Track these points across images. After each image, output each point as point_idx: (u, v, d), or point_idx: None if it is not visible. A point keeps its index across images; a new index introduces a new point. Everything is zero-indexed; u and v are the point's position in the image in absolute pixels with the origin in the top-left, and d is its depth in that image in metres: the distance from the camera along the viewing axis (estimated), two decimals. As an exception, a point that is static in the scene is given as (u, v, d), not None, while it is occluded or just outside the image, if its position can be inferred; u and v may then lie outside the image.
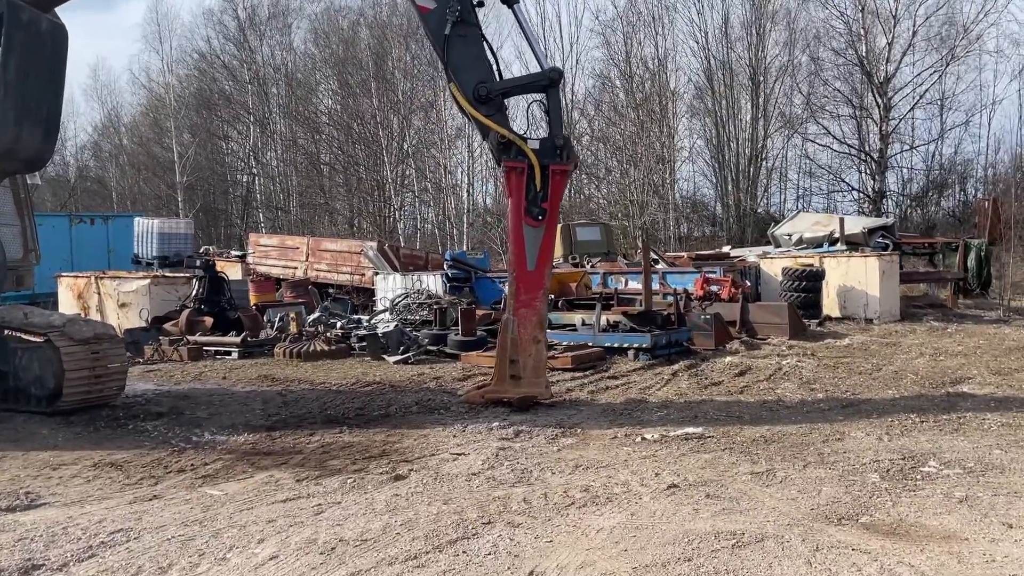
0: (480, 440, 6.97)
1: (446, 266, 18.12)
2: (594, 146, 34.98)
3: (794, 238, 19.27)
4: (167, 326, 13.91)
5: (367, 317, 14.52)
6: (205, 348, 12.96)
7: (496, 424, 7.51)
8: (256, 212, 43.29)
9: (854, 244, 17.83)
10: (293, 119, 42.34)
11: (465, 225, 34.11)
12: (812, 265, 15.80)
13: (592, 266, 17.85)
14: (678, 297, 13.03)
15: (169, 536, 4.67)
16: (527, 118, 8.68)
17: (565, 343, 11.72)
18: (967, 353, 11.48)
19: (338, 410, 8.48)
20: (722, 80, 34.13)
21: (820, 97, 34.01)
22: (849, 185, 34.99)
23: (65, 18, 8.33)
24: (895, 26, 32.15)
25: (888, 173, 33.53)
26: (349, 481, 5.77)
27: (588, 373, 10.47)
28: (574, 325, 12.67)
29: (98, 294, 15.55)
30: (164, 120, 42.88)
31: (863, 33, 32.78)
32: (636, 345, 11.38)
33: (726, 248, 22.60)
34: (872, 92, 32.65)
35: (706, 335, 12.47)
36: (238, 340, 12.90)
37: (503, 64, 9.30)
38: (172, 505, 5.31)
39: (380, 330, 12.59)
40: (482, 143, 35.52)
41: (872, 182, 33.34)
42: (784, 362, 11.03)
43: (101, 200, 47.01)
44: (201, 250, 23.97)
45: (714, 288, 14.70)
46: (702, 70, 34.83)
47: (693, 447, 6.57)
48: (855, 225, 18.85)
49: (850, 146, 34.08)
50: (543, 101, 8.31)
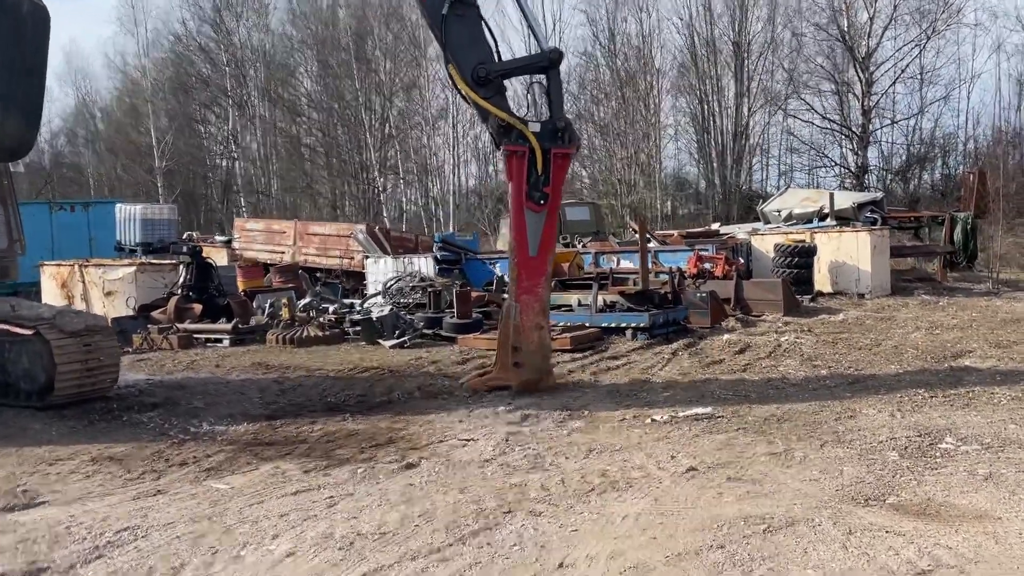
0: (487, 425, 6.84)
1: (436, 248, 17.94)
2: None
3: (783, 214, 19.24)
4: (155, 314, 13.65)
5: (360, 301, 14.32)
6: (195, 336, 12.72)
7: (502, 408, 7.38)
8: (237, 197, 42.73)
9: (844, 219, 17.84)
10: (272, 102, 41.71)
11: (451, 206, 33.84)
12: (804, 241, 15.78)
13: (583, 246, 17.72)
14: (673, 275, 12.94)
15: (178, 534, 4.51)
16: (526, 100, 8.51)
17: (562, 324, 11.59)
18: (963, 326, 11.49)
19: (338, 397, 8.31)
20: (706, 57, 33.97)
21: (802, 73, 33.98)
22: (832, 160, 35.06)
23: (39, -1, 8.00)
24: (876, 0, 32.10)
25: (870, 148, 33.63)
26: (359, 471, 5.62)
27: (588, 354, 10.37)
28: (570, 306, 12.56)
29: (82, 283, 15.22)
30: (141, 105, 42.08)
31: (845, 8, 32.70)
32: (634, 325, 11.29)
33: (715, 225, 22.55)
34: (855, 67, 32.63)
35: (702, 313, 12.41)
36: (229, 327, 12.67)
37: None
38: (178, 500, 5.15)
39: (375, 314, 12.41)
40: (467, 123, 35.38)
41: (855, 157, 33.41)
42: (783, 339, 10.98)
43: (78, 187, 46.21)
44: (185, 236, 23.61)
45: (707, 266, 14.64)
46: (686, 47, 34.65)
47: (705, 428, 6.48)
48: (845, 200, 18.85)
49: (832, 121, 34.12)
50: (543, 82, 8.13)
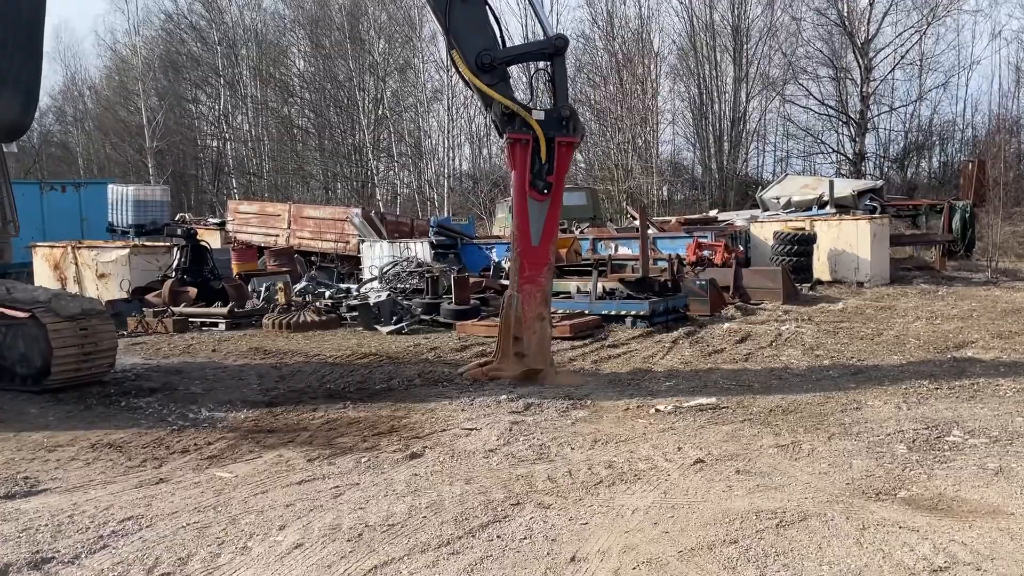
0: (490, 414, 6.79)
1: (432, 233, 17.84)
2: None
3: (782, 201, 19.20)
4: (149, 297, 13.53)
5: (356, 286, 14.23)
6: (191, 320, 12.61)
7: (504, 397, 7.33)
8: (228, 178, 42.41)
9: (843, 207, 17.80)
10: (264, 82, 41.31)
11: (445, 189, 33.67)
12: (804, 229, 15.74)
13: (581, 232, 17.65)
14: (672, 263, 12.89)
15: (183, 523, 4.45)
16: (530, 88, 8.40)
17: (561, 311, 11.54)
18: (963, 316, 11.49)
19: (338, 384, 8.24)
20: (705, 42, 33.78)
21: (800, 58, 33.86)
22: (830, 147, 35.01)
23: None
24: (877, -14, 31.95)
25: (868, 135, 33.58)
26: (363, 460, 5.56)
27: (587, 341, 10.33)
28: (569, 293, 12.50)
29: (75, 264, 15.06)
30: (131, 83, 41.62)
31: (845, -7, 32.55)
32: (634, 312, 11.24)
33: (712, 212, 22.49)
34: (854, 53, 32.52)
35: (702, 301, 12.37)
36: (225, 311, 12.57)
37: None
38: (181, 489, 5.08)
39: (372, 300, 12.33)
40: (462, 105, 35.11)
41: (852, 144, 33.37)
42: (783, 328, 10.96)
43: (67, 166, 45.79)
44: (177, 217, 23.43)
45: (707, 253, 14.60)
46: (685, 31, 34.45)
47: (710, 418, 6.45)
48: (844, 188, 18.82)
49: (830, 107, 34.03)
50: (547, 70, 8.03)
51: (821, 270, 15.80)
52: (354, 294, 13.41)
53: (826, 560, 3.72)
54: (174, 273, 13.77)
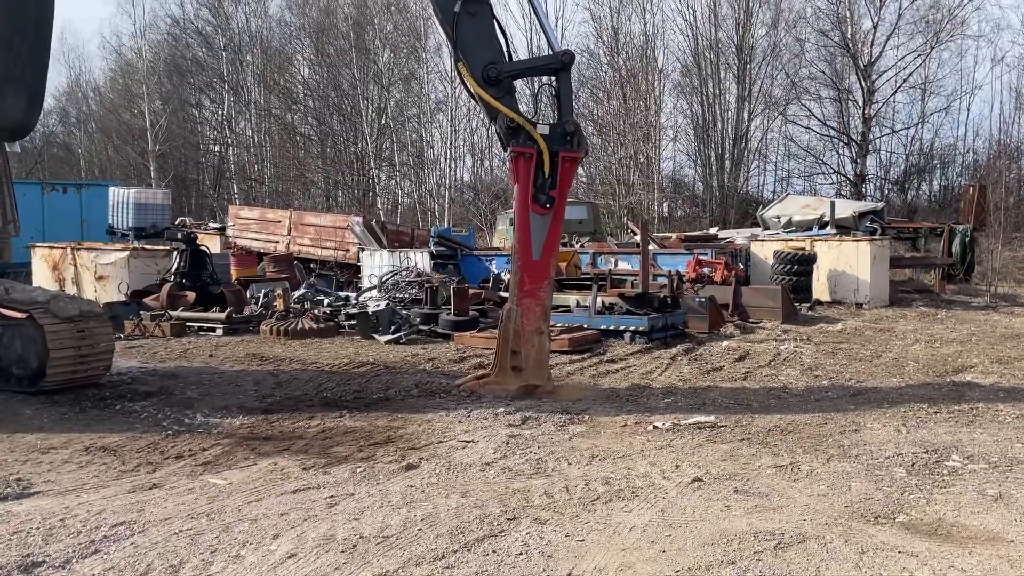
0: (487, 427, 6.76)
1: (432, 243, 17.83)
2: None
3: (783, 220, 19.22)
4: (147, 300, 13.51)
5: (355, 294, 14.20)
6: (188, 324, 12.58)
7: (501, 410, 7.30)
8: (229, 183, 42.42)
9: (844, 228, 17.82)
10: (268, 88, 41.41)
11: (446, 200, 33.69)
12: (804, 249, 15.74)
13: (581, 246, 17.65)
14: (672, 279, 12.89)
15: (176, 530, 4.41)
16: (534, 101, 8.42)
17: (560, 325, 11.51)
18: (963, 340, 11.47)
19: (335, 392, 8.20)
20: (709, 60, 33.93)
21: (803, 79, 34.01)
22: (831, 168, 35.11)
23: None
24: (881, 8, 32.15)
25: (869, 157, 33.69)
26: (359, 470, 5.52)
27: (586, 356, 10.31)
28: (568, 306, 12.49)
29: (74, 266, 15.03)
30: (135, 86, 41.70)
31: (849, 15, 32.73)
32: (633, 328, 11.22)
33: (713, 230, 22.51)
34: (857, 75, 32.67)
35: (701, 318, 12.36)
36: (223, 316, 12.53)
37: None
38: (175, 495, 5.04)
39: (371, 308, 12.30)
40: (465, 117, 35.20)
41: (853, 165, 33.47)
42: (782, 347, 10.94)
43: (68, 168, 45.79)
44: (178, 221, 23.41)
45: (707, 270, 14.59)
46: (689, 49, 34.62)
47: (708, 437, 6.41)
48: (845, 209, 18.85)
49: (832, 128, 34.15)
50: (552, 84, 8.05)
51: (821, 290, 15.80)
52: (353, 302, 13.39)
53: (824, 583, 3.69)
54: (173, 277, 13.76)
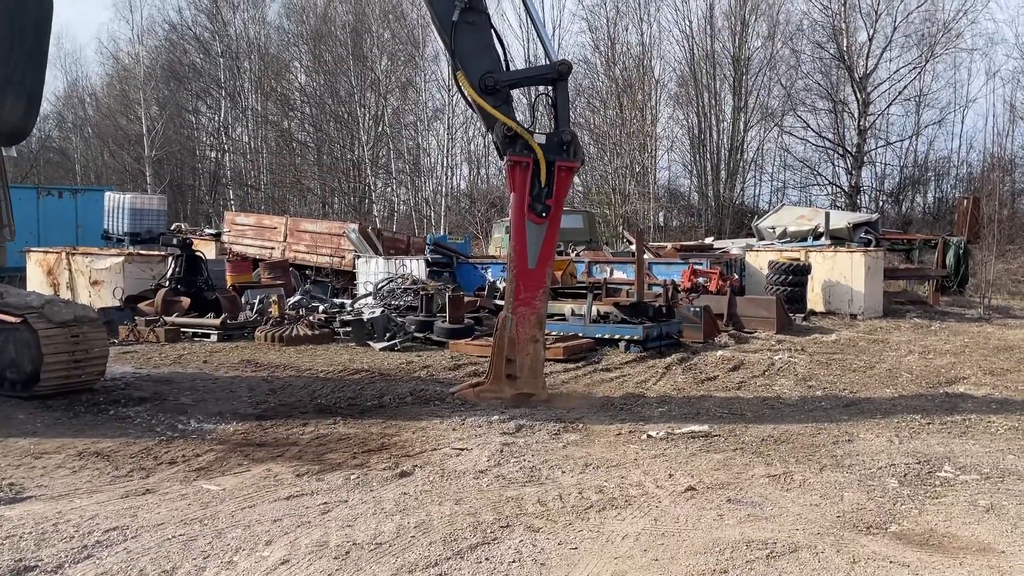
0: (481, 435, 6.76)
1: (427, 251, 17.85)
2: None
3: (778, 231, 19.28)
4: (142, 306, 13.48)
5: (350, 301, 14.20)
6: (183, 329, 12.57)
7: (496, 417, 7.30)
8: (225, 189, 42.41)
9: (838, 239, 17.89)
10: (265, 95, 41.45)
11: (442, 208, 33.73)
12: (798, 259, 15.79)
13: (577, 255, 17.68)
14: (667, 289, 12.91)
15: (169, 535, 4.40)
16: (530, 111, 8.47)
17: (555, 333, 11.53)
18: (956, 352, 11.52)
19: (329, 399, 8.20)
20: (705, 71, 34.09)
21: (799, 90, 34.19)
22: (826, 179, 35.25)
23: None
24: (876, 21, 32.36)
25: (863, 168, 33.83)
26: (352, 477, 5.52)
27: (580, 364, 10.32)
28: (563, 315, 12.50)
29: (69, 271, 15.00)
30: (132, 92, 41.71)
31: (844, 27, 32.92)
32: (628, 337, 11.24)
33: (708, 239, 22.58)
34: (852, 87, 32.84)
35: (695, 328, 12.38)
36: (217, 322, 12.52)
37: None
38: (168, 500, 5.03)
39: (366, 315, 12.29)
40: (461, 125, 35.29)
41: (848, 176, 33.61)
42: (776, 357, 10.96)
43: (64, 172, 45.74)
44: (173, 227, 23.38)
45: (701, 280, 14.63)
46: (686, 60, 34.78)
47: (702, 446, 6.43)
48: (840, 220, 18.92)
49: (827, 140, 34.32)
50: (549, 94, 8.09)
51: (815, 301, 15.84)
52: (348, 309, 13.38)
53: (816, 593, 3.70)
54: (168, 282, 13.74)
